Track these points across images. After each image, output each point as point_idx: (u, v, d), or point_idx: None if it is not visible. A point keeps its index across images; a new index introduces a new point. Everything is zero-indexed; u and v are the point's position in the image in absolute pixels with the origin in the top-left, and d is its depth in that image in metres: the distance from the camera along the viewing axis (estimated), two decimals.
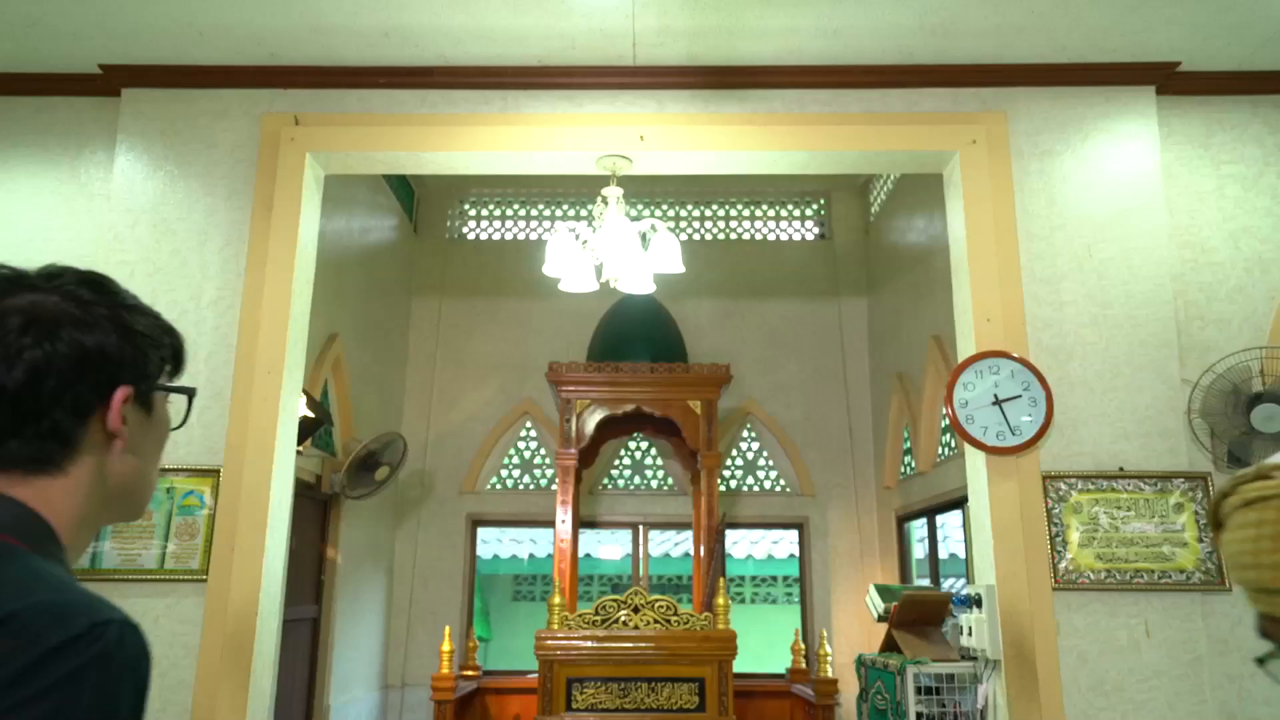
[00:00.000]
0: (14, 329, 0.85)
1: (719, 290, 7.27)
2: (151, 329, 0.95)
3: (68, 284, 0.90)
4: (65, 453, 0.88)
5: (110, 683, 0.75)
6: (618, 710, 4.44)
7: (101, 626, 0.76)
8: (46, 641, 0.73)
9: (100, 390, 0.89)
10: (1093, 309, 3.30)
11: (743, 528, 7.53)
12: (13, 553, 0.82)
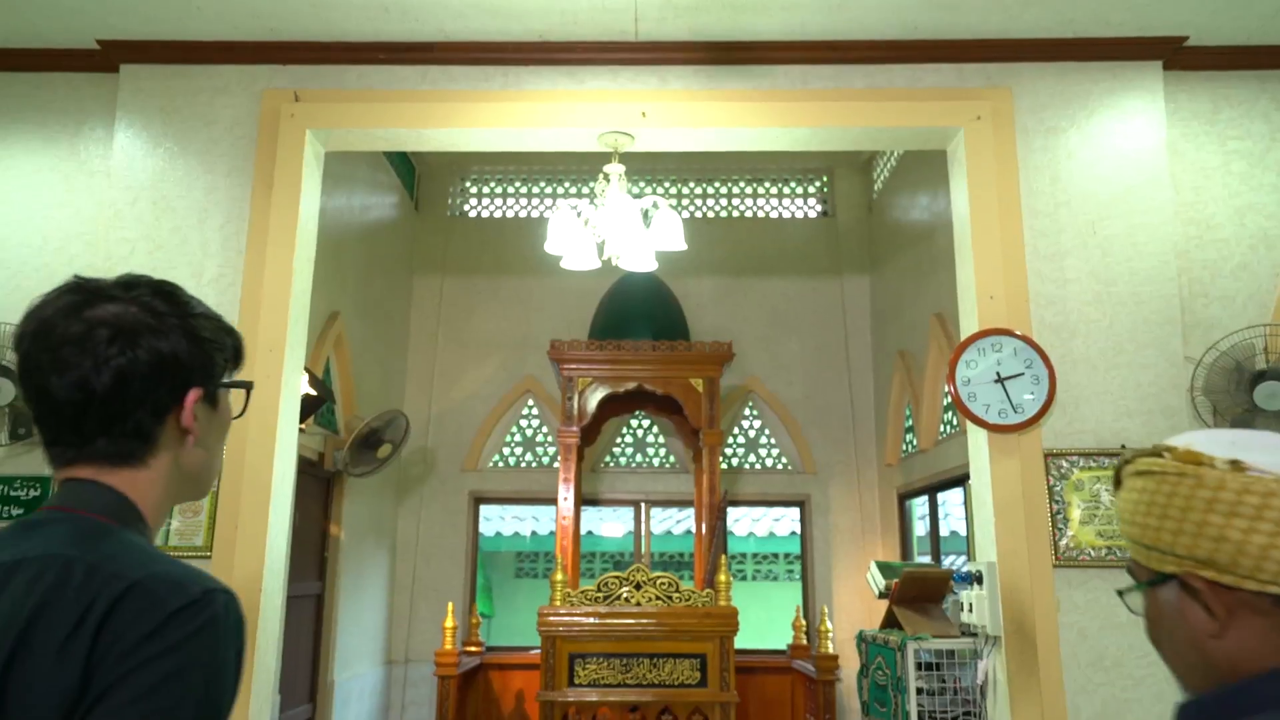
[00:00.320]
0: (103, 340, 0.95)
1: (721, 268, 7.25)
2: (215, 333, 1.05)
3: (144, 295, 1.00)
4: (146, 448, 0.99)
5: (220, 640, 0.86)
6: (620, 685, 4.47)
7: (211, 594, 0.87)
8: (168, 607, 0.84)
9: (175, 392, 0.99)
10: (1096, 286, 3.29)
11: (744, 505, 7.56)
12: (112, 530, 0.93)
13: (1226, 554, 0.81)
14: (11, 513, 3.30)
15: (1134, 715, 2.99)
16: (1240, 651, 0.81)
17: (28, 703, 0.81)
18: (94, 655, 0.82)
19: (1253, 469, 0.82)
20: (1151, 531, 0.87)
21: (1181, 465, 0.85)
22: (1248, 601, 0.81)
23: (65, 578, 0.86)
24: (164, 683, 0.81)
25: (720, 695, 4.46)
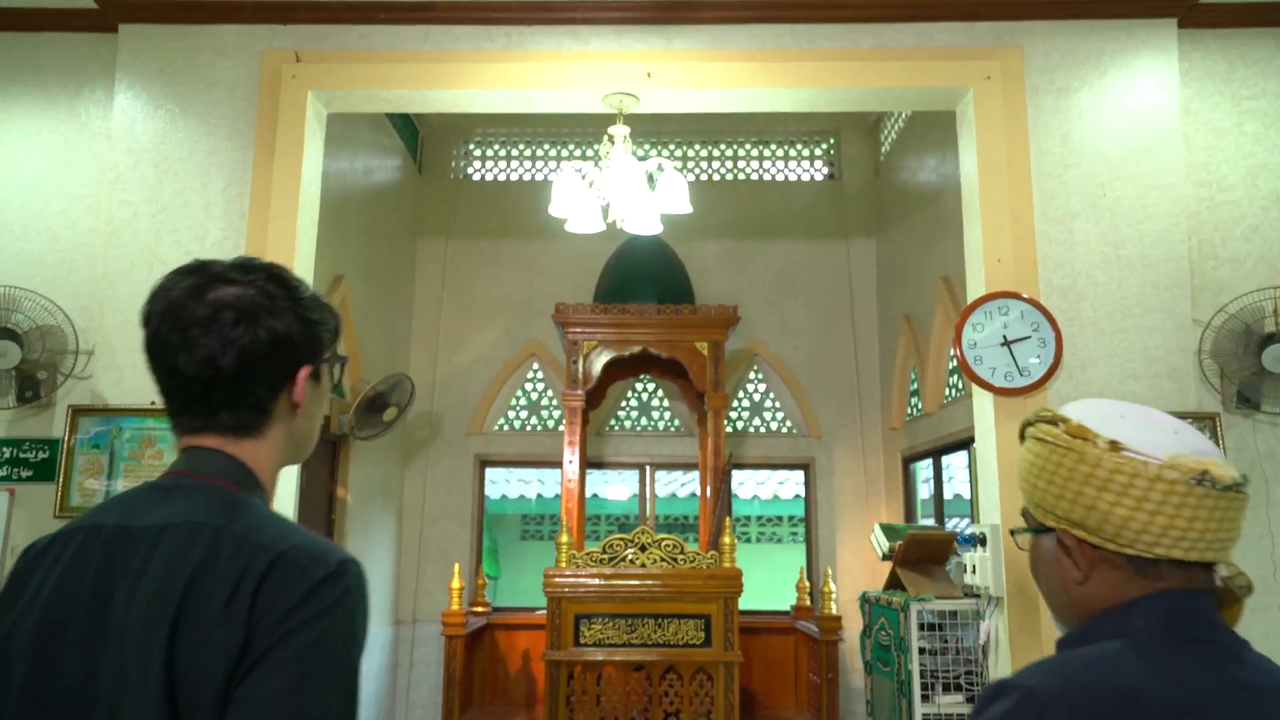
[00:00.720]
0: (228, 322, 1.03)
1: (726, 231, 7.21)
2: (321, 314, 1.12)
3: (259, 279, 1.07)
4: (264, 421, 1.08)
5: (355, 607, 0.95)
6: (625, 645, 4.52)
7: (345, 564, 0.96)
8: (311, 578, 0.92)
9: (290, 369, 1.08)
10: (1105, 249, 3.26)
11: (749, 468, 7.59)
12: (242, 499, 1.02)
13: (1095, 520, 0.95)
14: (21, 474, 3.33)
15: None
16: (1096, 596, 0.97)
17: (200, 660, 0.89)
18: (251, 620, 0.90)
19: (1128, 450, 0.95)
20: (1039, 491, 1.01)
21: (1069, 440, 0.98)
22: (1107, 558, 0.96)
23: (216, 546, 0.94)
24: (313, 647, 0.90)
25: (724, 655, 4.51)
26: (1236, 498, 0.94)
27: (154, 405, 3.33)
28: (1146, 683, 0.87)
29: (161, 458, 3.31)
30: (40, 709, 0.93)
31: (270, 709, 0.88)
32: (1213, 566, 0.96)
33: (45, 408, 3.36)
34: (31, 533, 3.29)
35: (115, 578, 0.95)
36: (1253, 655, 0.94)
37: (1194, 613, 0.94)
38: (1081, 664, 0.90)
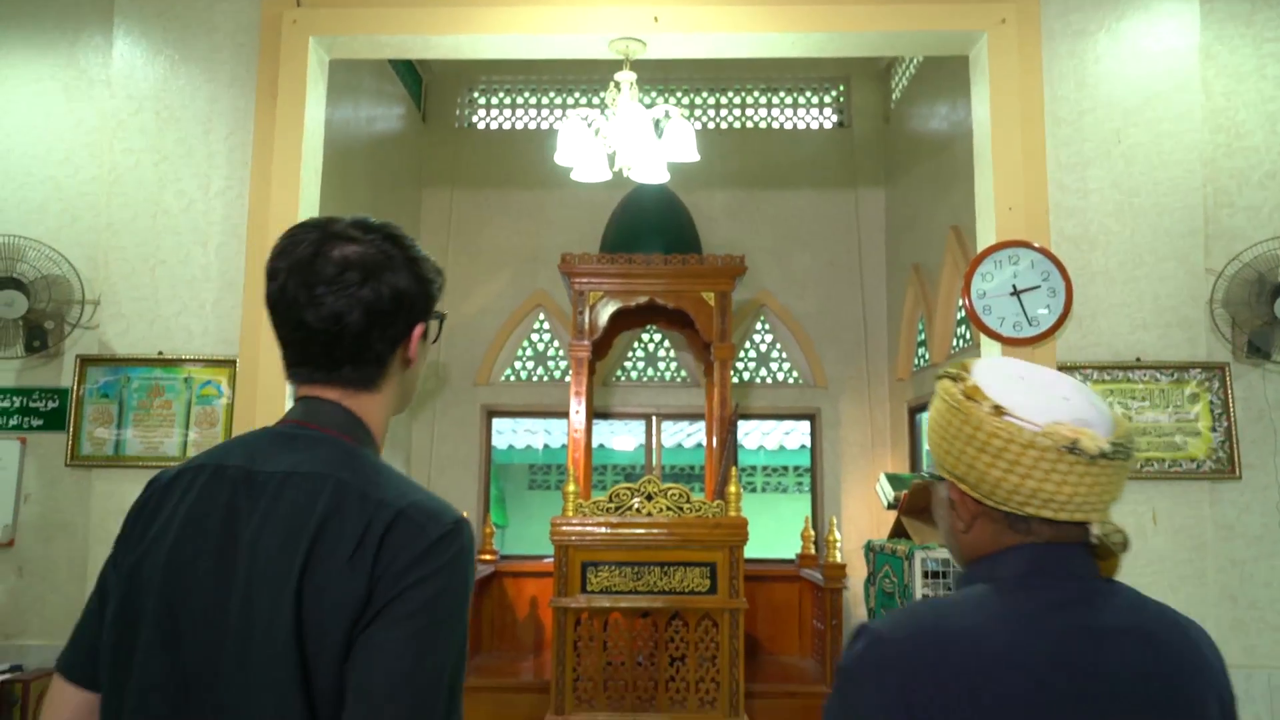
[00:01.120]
0: (354, 281, 1.07)
1: (734, 180, 7.14)
2: (431, 272, 1.17)
3: (378, 238, 1.11)
4: (381, 375, 1.12)
5: (468, 563, 1.02)
6: (631, 592, 4.58)
7: (460, 523, 1.02)
8: (430, 535, 0.99)
9: (409, 326, 1.13)
10: (1118, 197, 3.21)
11: (755, 419, 7.61)
12: (360, 454, 1.07)
13: (974, 477, 1.03)
14: (31, 423, 3.35)
15: None
16: (976, 544, 1.05)
17: (325, 604, 0.95)
18: (375, 573, 0.96)
19: (1009, 415, 1.00)
20: (935, 444, 1.09)
21: (960, 400, 1.04)
22: (986, 512, 1.04)
23: (341, 498, 0.99)
24: (433, 600, 0.96)
25: (729, 602, 4.56)
26: (1109, 465, 0.99)
27: (161, 355, 3.34)
28: (985, 626, 0.95)
29: (170, 408, 3.33)
30: (170, 636, 0.99)
31: (393, 656, 0.93)
32: (1086, 523, 1.02)
33: (53, 357, 3.37)
34: (44, 481, 3.32)
35: (241, 517, 1.01)
36: (1122, 600, 1.02)
37: (1058, 563, 1.00)
38: (930, 609, 0.99)
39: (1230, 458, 3.09)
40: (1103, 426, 1.02)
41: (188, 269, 3.37)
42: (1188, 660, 1.00)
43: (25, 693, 3.06)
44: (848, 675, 0.98)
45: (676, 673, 4.56)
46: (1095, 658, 0.95)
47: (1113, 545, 1.04)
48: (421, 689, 0.93)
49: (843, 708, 0.98)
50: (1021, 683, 0.92)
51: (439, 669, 0.95)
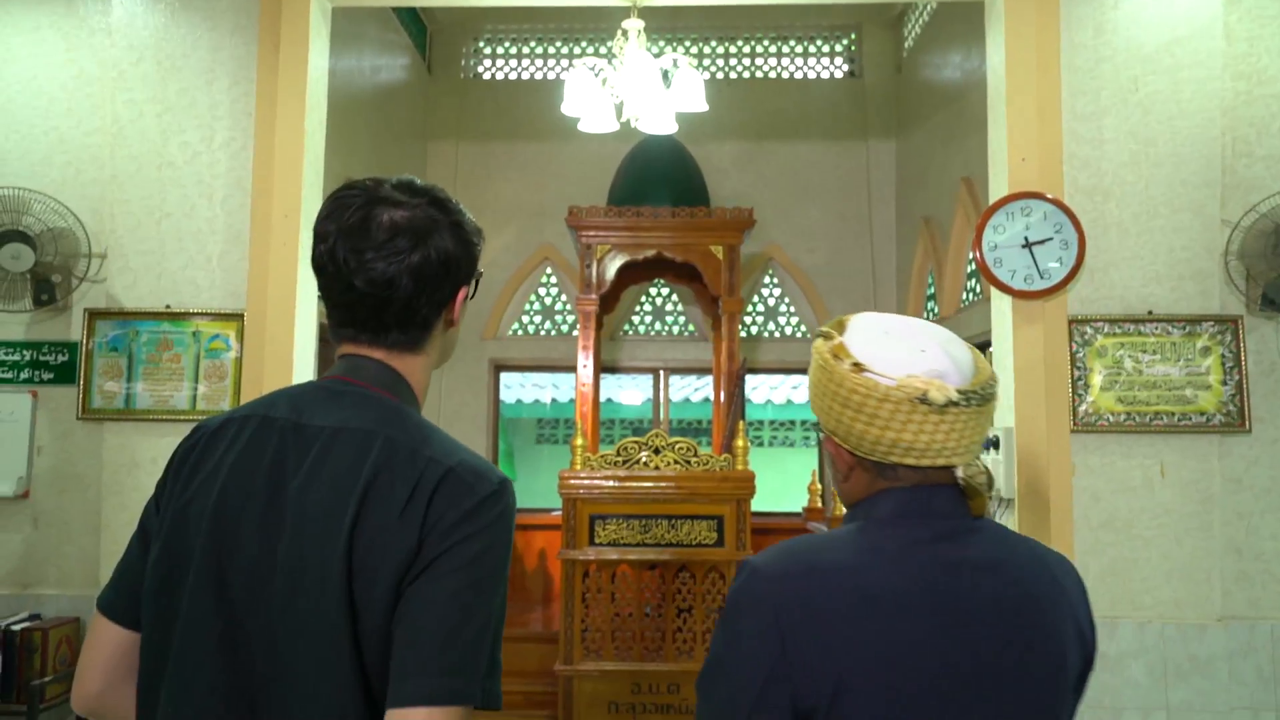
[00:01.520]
0: (405, 248, 1.09)
1: (743, 132, 7.05)
2: (474, 234, 1.18)
3: (424, 202, 1.13)
4: (425, 337, 1.16)
5: (510, 523, 1.05)
6: (639, 545, 4.62)
7: (505, 483, 1.06)
8: (477, 494, 1.02)
9: (453, 289, 1.15)
10: (1134, 146, 3.16)
11: (763, 373, 7.61)
12: (406, 412, 1.11)
13: (843, 431, 1.10)
14: (42, 377, 3.36)
15: (1140, 573, 3.06)
16: (854, 491, 1.14)
17: (376, 555, 0.98)
18: (424, 527, 0.99)
19: (868, 371, 1.07)
20: (812, 401, 1.16)
21: (828, 359, 1.11)
22: (860, 461, 1.11)
23: (391, 453, 1.03)
24: (479, 556, 1.00)
25: (736, 555, 4.60)
26: (962, 413, 1.05)
27: (168, 309, 3.34)
28: (852, 560, 1.03)
29: (179, 361, 3.33)
30: (217, 580, 1.02)
31: (442, 607, 0.97)
32: (950, 467, 1.09)
33: (61, 311, 3.37)
34: (56, 434, 3.35)
35: (289, 468, 1.04)
36: (986, 536, 1.09)
37: (924, 504, 1.08)
38: (804, 546, 1.08)
39: (1240, 411, 3.07)
40: (957, 375, 1.07)
41: (193, 222, 3.35)
42: (1045, 590, 1.06)
43: (44, 640, 3.12)
44: (730, 605, 1.06)
45: (684, 624, 4.62)
46: (956, 589, 1.02)
47: (977, 485, 1.10)
48: (468, 640, 0.98)
49: (725, 636, 1.06)
50: (886, 613, 1.00)
51: (484, 621, 1.00)
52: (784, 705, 1.00)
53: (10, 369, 3.37)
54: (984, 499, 1.12)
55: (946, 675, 1.00)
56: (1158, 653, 3.03)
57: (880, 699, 0.99)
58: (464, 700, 0.98)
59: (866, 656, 0.99)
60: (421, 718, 0.95)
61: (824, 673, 0.99)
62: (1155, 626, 3.04)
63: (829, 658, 0.99)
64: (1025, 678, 1.03)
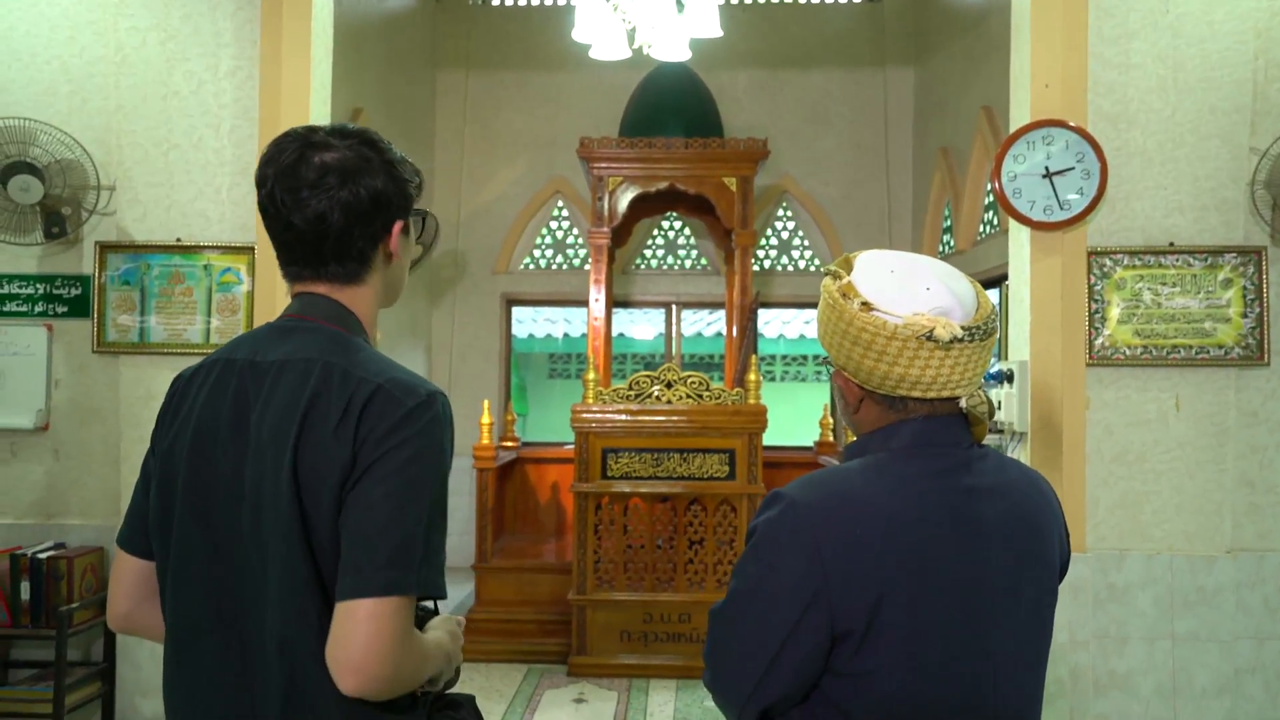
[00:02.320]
0: (333, 184, 1.18)
1: (757, 59, 6.89)
2: (408, 173, 1.27)
3: (354, 142, 1.21)
4: (365, 270, 1.25)
5: (441, 431, 1.14)
6: (651, 478, 4.66)
7: (433, 395, 1.15)
8: (405, 406, 1.12)
9: (386, 223, 1.24)
10: (1162, 71, 3.06)
11: (775, 308, 7.57)
12: (349, 339, 1.20)
13: (852, 367, 1.17)
14: (56, 310, 3.37)
15: (1151, 505, 3.07)
16: (866, 422, 1.20)
17: (318, 469, 1.10)
18: (357, 439, 1.09)
19: (876, 310, 1.12)
20: (821, 337, 1.21)
21: (836, 298, 1.16)
22: (869, 394, 1.18)
23: (328, 377, 1.13)
24: (409, 460, 1.10)
25: (748, 488, 4.64)
26: (966, 347, 1.12)
27: (179, 242, 3.33)
28: (881, 490, 1.10)
29: (191, 295, 3.33)
30: (200, 500, 1.16)
31: (376, 509, 1.08)
32: (956, 398, 1.16)
33: (73, 244, 3.36)
34: (72, 366, 3.37)
35: (249, 400, 1.16)
36: (990, 462, 1.17)
37: (936, 434, 1.15)
38: (834, 478, 1.14)
39: (1260, 344, 3.04)
40: (959, 312, 1.13)
41: (201, 153, 3.32)
42: (1038, 507, 1.19)
43: (70, 568, 3.19)
44: (765, 536, 1.11)
45: (695, 555, 4.69)
46: (972, 512, 1.11)
47: (979, 414, 1.17)
48: (403, 536, 1.08)
49: (758, 566, 1.11)
50: (915, 537, 1.08)
51: (417, 518, 1.09)
52: (823, 630, 1.07)
53: (24, 302, 3.38)
54: (985, 427, 1.20)
55: (969, 589, 1.10)
56: (1165, 584, 3.06)
57: (912, 616, 1.07)
58: (400, 590, 1.07)
59: (900, 578, 1.07)
60: (363, 608, 1.05)
61: (862, 596, 1.06)
62: (1164, 558, 3.06)
63: (867, 582, 1.06)
64: (1030, 585, 1.16)
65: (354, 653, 1.05)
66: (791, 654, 1.08)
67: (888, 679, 1.07)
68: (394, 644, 1.06)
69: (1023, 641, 1.17)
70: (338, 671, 1.06)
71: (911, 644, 1.07)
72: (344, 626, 1.06)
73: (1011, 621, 1.14)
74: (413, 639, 1.10)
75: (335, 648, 1.06)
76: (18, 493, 3.37)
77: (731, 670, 1.13)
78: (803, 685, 1.11)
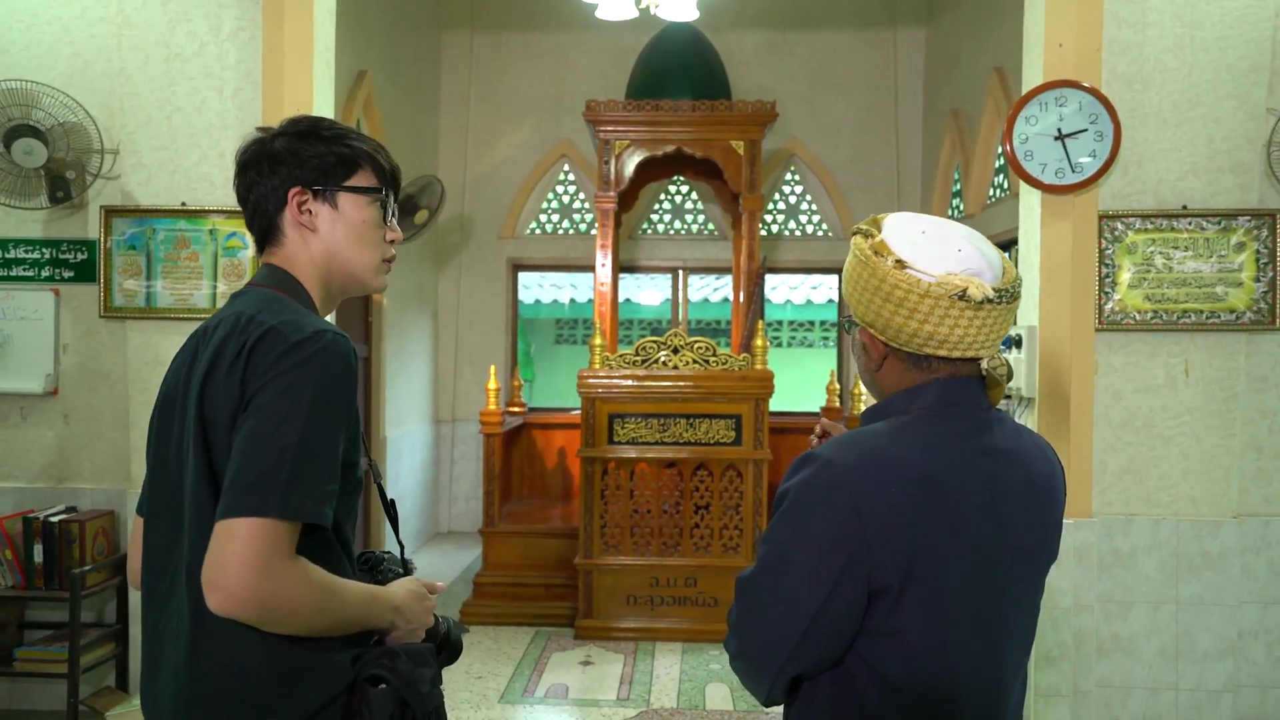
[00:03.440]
0: (249, 166, 1.34)
1: (766, 20, 6.79)
2: (306, 140, 1.33)
3: (285, 125, 1.35)
4: (276, 234, 1.35)
5: (327, 364, 1.18)
6: (658, 444, 4.67)
7: (320, 333, 1.19)
8: (289, 341, 1.17)
9: (278, 186, 1.32)
10: (1179, 29, 3.01)
11: (782, 273, 7.53)
12: (278, 298, 1.28)
13: (880, 324, 1.17)
14: (63, 275, 3.37)
15: (1158, 471, 3.07)
16: (888, 380, 1.21)
17: (215, 408, 1.19)
18: (245, 377, 1.17)
19: (910, 268, 1.14)
20: (849, 292, 1.22)
21: (869, 256, 1.17)
22: (894, 352, 1.19)
23: (235, 325, 1.22)
24: (284, 390, 1.15)
25: (754, 453, 4.65)
26: (994, 309, 1.13)
27: (184, 206, 3.31)
28: (912, 450, 1.12)
29: (197, 259, 3.33)
30: (162, 457, 1.28)
31: (248, 437, 1.14)
32: (977, 360, 1.18)
33: (78, 209, 3.35)
34: (79, 332, 3.38)
35: (196, 361, 1.25)
36: (1007, 426, 1.20)
37: (959, 395, 1.17)
38: (867, 438, 1.15)
39: (1272, 309, 3.01)
40: (990, 274, 1.15)
41: (204, 116, 3.29)
42: (1048, 470, 1.22)
43: (82, 531, 3.22)
44: (800, 497, 1.13)
45: (701, 520, 4.71)
46: (996, 472, 1.15)
47: (999, 376, 1.20)
48: (267, 462, 1.12)
49: (793, 528, 1.13)
50: (947, 496, 1.11)
51: (285, 445, 1.13)
52: (860, 588, 1.09)
53: (31, 267, 3.38)
54: (1002, 389, 1.21)
55: (996, 546, 1.14)
56: (1170, 548, 3.06)
57: (945, 572, 1.10)
58: (259, 512, 1.11)
59: (933, 535, 1.09)
60: (225, 528, 1.11)
61: (899, 553, 1.08)
62: (1170, 523, 3.06)
63: (903, 540, 1.08)
64: (1045, 541, 1.21)
65: (214, 571, 1.10)
66: (830, 613, 1.09)
67: (920, 635, 1.10)
68: (256, 565, 1.09)
69: (1028, 605, 1.20)
70: (205, 590, 1.11)
71: (943, 600, 1.10)
72: (211, 547, 1.12)
73: (1022, 586, 1.18)
74: (289, 565, 1.12)
75: (205, 567, 1.12)
76: (29, 457, 3.40)
77: (765, 636, 1.13)
78: (840, 647, 1.12)
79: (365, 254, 1.36)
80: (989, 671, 1.15)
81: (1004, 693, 1.17)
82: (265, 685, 1.16)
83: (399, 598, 1.28)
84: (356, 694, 1.19)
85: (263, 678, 1.16)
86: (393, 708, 1.18)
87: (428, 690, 1.22)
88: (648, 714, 3.70)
